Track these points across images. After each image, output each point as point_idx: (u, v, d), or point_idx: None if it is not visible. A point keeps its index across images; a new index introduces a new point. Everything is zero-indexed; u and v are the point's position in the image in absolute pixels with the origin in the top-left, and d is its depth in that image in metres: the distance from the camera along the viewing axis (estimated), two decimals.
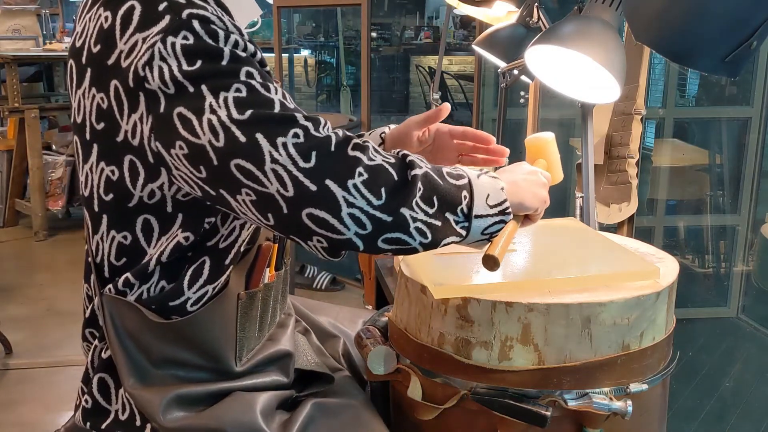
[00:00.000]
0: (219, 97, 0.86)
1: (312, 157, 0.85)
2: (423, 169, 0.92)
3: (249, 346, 1.08)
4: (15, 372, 2.86)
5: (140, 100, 0.90)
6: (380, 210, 0.87)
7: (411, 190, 0.89)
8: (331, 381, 1.16)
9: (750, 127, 3.00)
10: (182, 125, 0.87)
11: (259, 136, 0.85)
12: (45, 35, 5.51)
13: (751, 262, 3.11)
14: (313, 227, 0.87)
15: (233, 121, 0.85)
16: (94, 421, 1.05)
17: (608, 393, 1.00)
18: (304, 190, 0.85)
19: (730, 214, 3.16)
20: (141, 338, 1.01)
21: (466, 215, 0.94)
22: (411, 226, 0.90)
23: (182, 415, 1.00)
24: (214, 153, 0.86)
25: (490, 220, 0.95)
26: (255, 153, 0.85)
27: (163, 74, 0.87)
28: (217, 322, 1.03)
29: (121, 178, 0.96)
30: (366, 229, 0.88)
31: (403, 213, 0.89)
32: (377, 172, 0.88)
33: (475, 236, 0.96)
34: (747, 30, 0.99)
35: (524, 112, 2.19)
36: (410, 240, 0.91)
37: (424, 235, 0.91)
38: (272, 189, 0.85)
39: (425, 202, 0.90)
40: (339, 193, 0.85)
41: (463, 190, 0.94)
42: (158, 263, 0.99)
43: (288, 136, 0.85)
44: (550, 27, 1.26)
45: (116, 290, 1.01)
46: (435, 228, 0.91)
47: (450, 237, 0.93)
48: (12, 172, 4.79)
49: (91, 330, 1.09)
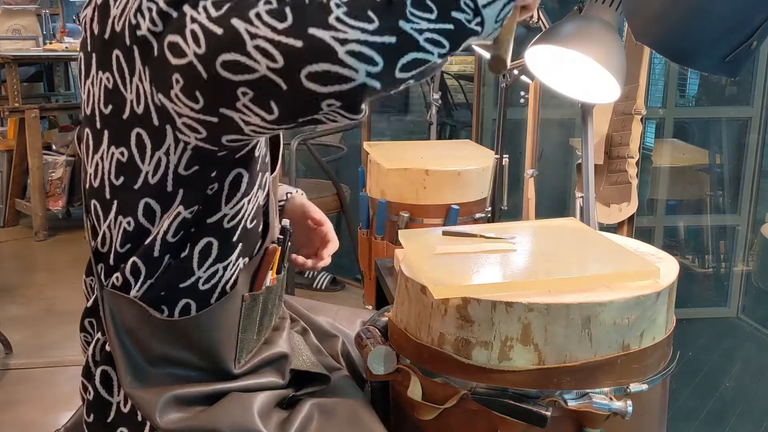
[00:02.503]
0: (198, 6, 0.84)
1: (287, 15, 0.79)
2: None
3: (248, 348, 1.08)
4: (15, 372, 2.86)
5: (135, 56, 0.90)
6: (379, 33, 0.79)
7: (399, 2, 0.80)
8: (328, 381, 1.16)
9: (750, 127, 3.00)
10: (172, 53, 0.85)
11: (233, 20, 0.81)
12: (45, 35, 5.50)
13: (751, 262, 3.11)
14: (318, 88, 0.80)
15: (210, 20, 0.82)
16: (97, 414, 1.05)
17: (608, 393, 1.00)
18: (291, 51, 0.78)
19: (730, 214, 3.17)
20: (140, 336, 1.00)
21: (473, 8, 0.86)
22: (420, 41, 0.82)
23: (179, 416, 1.00)
24: (200, 63, 0.82)
25: (500, 3, 0.87)
26: (234, 39, 0.80)
27: (151, 12, 0.87)
28: (221, 322, 1.03)
29: (131, 156, 0.96)
30: (375, 63, 0.80)
31: (403, 28, 0.81)
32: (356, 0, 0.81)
33: (490, 28, 0.88)
34: (747, 30, 0.99)
35: (524, 112, 2.19)
36: (427, 56, 0.83)
37: (440, 45, 0.84)
38: (262, 68, 0.80)
39: (421, 9, 0.82)
40: (326, 36, 0.78)
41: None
42: (163, 243, 0.98)
43: (260, 5, 0.81)
44: (550, 27, 1.26)
45: (123, 279, 1.00)
46: (448, 33, 0.84)
47: (468, 37, 0.86)
48: (12, 172, 4.79)
49: (91, 320, 1.09)
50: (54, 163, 4.78)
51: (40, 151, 4.54)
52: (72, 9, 6.50)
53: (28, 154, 4.50)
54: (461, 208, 2.03)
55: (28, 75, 5.41)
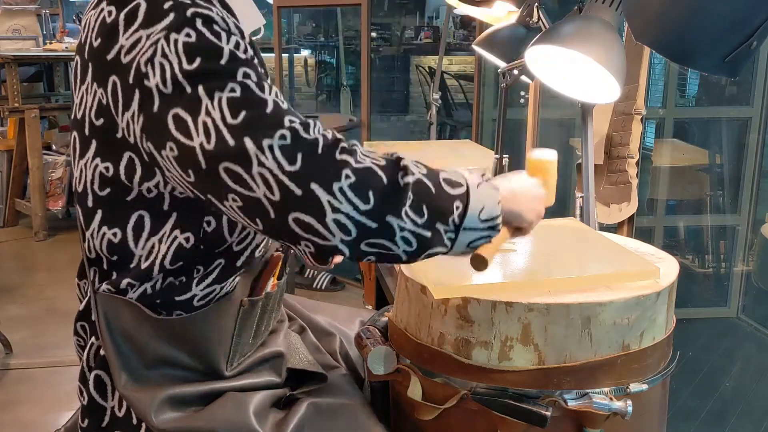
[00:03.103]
0: (214, 98, 0.85)
1: (298, 160, 0.84)
2: (416, 175, 0.89)
3: (242, 351, 1.08)
4: (15, 372, 2.85)
5: (134, 98, 0.90)
6: (366, 215, 0.86)
7: (401, 198, 0.87)
8: (325, 379, 1.16)
9: (750, 127, 3.00)
10: (176, 126, 0.86)
11: (246, 140, 0.84)
12: (45, 35, 5.50)
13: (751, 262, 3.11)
14: (300, 232, 0.85)
15: (225, 125, 0.84)
16: (92, 419, 1.05)
17: (608, 393, 1.00)
18: (289, 195, 0.83)
19: (730, 214, 3.16)
20: (135, 337, 1.00)
21: (455, 227, 0.91)
22: (397, 235, 0.88)
23: (174, 416, 1.00)
24: (203, 156, 0.85)
25: (478, 234, 0.93)
26: (242, 156, 0.84)
27: (164, 72, 0.87)
28: (216, 325, 1.03)
29: (116, 174, 0.96)
30: (350, 234, 0.86)
31: (389, 221, 0.87)
32: (366, 176, 0.86)
33: (460, 248, 0.94)
34: (747, 30, 0.99)
35: (524, 112, 2.19)
36: (394, 248, 0.89)
37: (410, 244, 0.89)
38: (259, 193, 0.84)
39: (415, 212, 0.88)
40: (324, 198, 0.84)
41: (456, 200, 0.91)
42: (162, 268, 0.99)
43: (275, 139, 0.84)
44: (550, 27, 1.26)
45: (117, 288, 1.00)
46: (423, 238, 0.89)
47: (436, 248, 0.91)
48: (12, 172, 4.79)
49: (83, 323, 1.09)
50: (54, 163, 4.78)
51: (40, 151, 4.54)
52: (72, 9, 6.50)
53: (28, 154, 4.50)
54: None
55: (28, 75, 5.41)
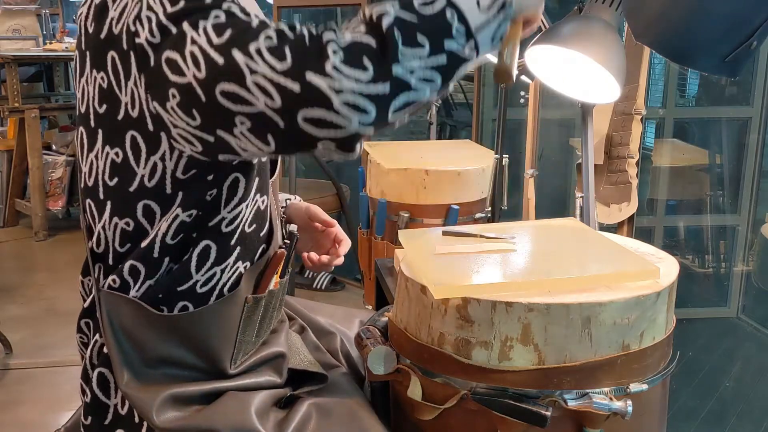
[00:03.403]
0: (199, 27, 0.84)
1: (287, 56, 0.80)
2: (392, 13, 0.82)
3: (245, 349, 1.08)
4: (15, 372, 2.86)
5: (131, 62, 0.90)
6: (373, 82, 0.80)
7: (392, 44, 0.81)
8: (326, 379, 1.16)
9: (750, 127, 3.00)
10: (170, 69, 0.85)
11: (234, 52, 0.81)
12: (45, 35, 5.50)
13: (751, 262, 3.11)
14: (314, 131, 0.81)
15: (212, 46, 0.82)
16: (95, 416, 1.05)
17: (608, 393, 1.00)
18: (289, 94, 0.80)
19: (730, 214, 3.17)
20: (138, 336, 1.00)
21: (465, 34, 0.85)
22: (413, 82, 0.83)
23: (176, 415, 1.00)
24: (199, 87, 0.83)
25: (494, 24, 0.87)
26: (234, 71, 0.81)
27: (150, 23, 0.87)
28: (220, 322, 1.03)
29: (125, 158, 0.97)
30: (368, 112, 0.81)
31: (396, 73, 0.81)
32: (353, 47, 0.81)
33: (486, 49, 0.88)
34: (747, 30, 0.99)
35: (524, 112, 2.19)
36: (419, 95, 0.84)
37: (432, 81, 0.84)
38: (260, 104, 0.81)
39: (412, 45, 0.82)
40: (323, 83, 0.79)
41: (445, 11, 0.84)
42: (162, 245, 0.99)
43: (260, 40, 0.81)
44: (550, 27, 1.26)
45: (121, 281, 1.00)
46: (441, 68, 0.84)
47: (462, 65, 0.86)
48: (12, 172, 4.79)
49: (87, 321, 1.08)
50: (54, 163, 4.78)
51: (40, 151, 4.54)
52: (72, 9, 6.50)
53: (28, 154, 4.50)
54: (461, 208, 2.03)
55: (28, 75, 5.41)
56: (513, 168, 2.29)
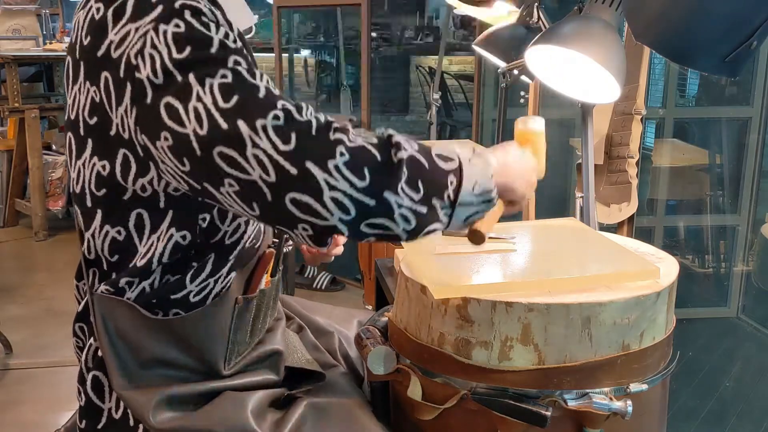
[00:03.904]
0: (205, 84, 0.85)
1: (292, 140, 0.84)
2: (409, 151, 0.89)
3: (239, 350, 1.08)
4: (15, 372, 2.86)
5: (126, 92, 0.90)
6: (364, 193, 0.85)
7: (396, 174, 0.87)
8: (323, 378, 1.16)
9: (750, 127, 3.00)
10: (168, 115, 0.86)
11: (240, 122, 0.84)
12: (45, 35, 5.50)
13: (751, 262, 3.11)
14: (297, 213, 0.85)
15: (217, 109, 0.84)
16: (89, 420, 1.05)
17: (608, 393, 1.00)
18: (285, 174, 0.83)
19: (730, 214, 3.16)
20: (132, 338, 1.00)
21: (451, 202, 0.91)
22: (396, 212, 0.87)
23: (172, 416, 1.00)
24: (197, 142, 0.85)
25: (473, 209, 0.94)
26: (236, 139, 0.83)
27: (154, 63, 0.87)
28: (212, 324, 1.03)
29: (112, 172, 0.97)
30: (350, 213, 0.85)
31: (387, 198, 0.86)
32: (360, 153, 0.86)
33: (457, 224, 0.94)
34: (747, 30, 0.99)
35: (524, 112, 2.19)
36: (394, 226, 0.89)
37: (408, 222, 0.89)
38: (255, 175, 0.84)
39: (411, 188, 0.88)
40: (320, 176, 0.83)
41: (450, 175, 0.91)
42: (160, 263, 0.99)
43: (268, 119, 0.84)
44: (550, 27, 1.26)
45: (116, 288, 1.00)
46: (420, 215, 0.89)
47: (434, 224, 0.91)
48: (12, 172, 4.79)
49: (81, 325, 1.09)
50: (54, 163, 4.78)
51: (40, 151, 4.54)
52: (72, 9, 6.49)
53: (28, 154, 4.51)
54: None
55: (28, 75, 5.41)
56: None
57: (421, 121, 7.51)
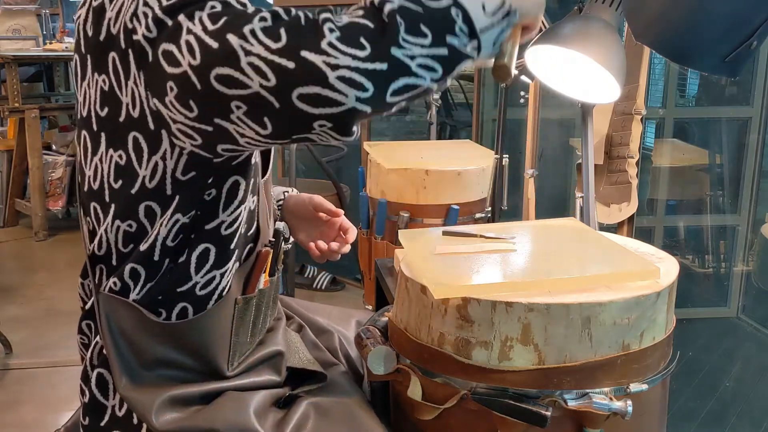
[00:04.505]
0: (195, 17, 0.84)
1: (282, 36, 0.81)
2: (395, 3, 0.84)
3: (241, 351, 1.09)
4: (15, 372, 2.86)
5: (130, 60, 0.90)
6: (371, 60, 0.81)
7: (393, 29, 0.82)
8: (325, 378, 1.16)
9: (750, 127, 3.00)
10: (167, 62, 0.85)
11: (229, 36, 0.81)
12: (45, 35, 5.51)
13: (751, 262, 3.11)
14: (309, 109, 0.81)
15: (206, 32, 0.82)
16: (92, 417, 1.05)
17: (608, 393, 1.00)
18: (283, 71, 0.80)
19: (730, 214, 3.16)
20: (135, 338, 1.01)
21: (468, 33, 0.87)
22: (412, 66, 0.83)
23: (175, 416, 1.00)
24: (194, 75, 0.83)
25: (497, 28, 0.89)
26: (228, 53, 0.81)
27: (147, 18, 0.87)
28: (214, 326, 1.03)
29: (129, 159, 0.97)
30: (366, 89, 0.81)
31: (395, 55, 0.82)
32: (350, 26, 0.82)
33: (488, 51, 0.90)
34: (747, 30, 0.99)
35: (524, 112, 2.19)
36: (419, 81, 0.85)
37: (433, 70, 0.85)
38: (255, 85, 0.81)
39: (415, 34, 0.83)
40: (318, 60, 0.79)
41: (451, 8, 0.86)
42: (163, 247, 0.99)
43: (255, 22, 0.82)
44: (550, 27, 1.26)
45: (122, 283, 1.00)
46: (442, 58, 0.85)
47: (463, 61, 0.87)
48: (12, 172, 4.79)
49: (89, 323, 1.09)
50: (54, 163, 4.78)
51: (40, 151, 4.54)
52: (72, 9, 6.49)
53: (28, 154, 4.50)
54: (461, 208, 2.03)
55: (28, 75, 5.42)
56: (513, 168, 2.29)
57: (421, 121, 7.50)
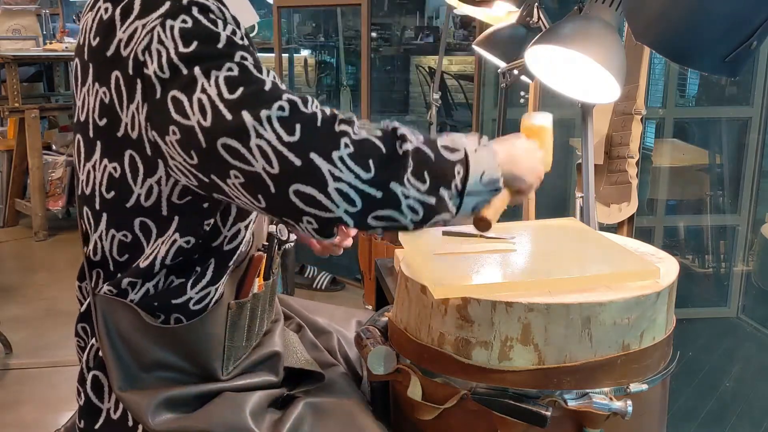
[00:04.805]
0: (211, 77, 0.85)
1: (297, 131, 0.84)
2: (414, 143, 0.89)
3: (236, 355, 1.08)
4: (15, 372, 2.86)
5: (137, 89, 0.91)
6: (369, 184, 0.85)
7: (402, 164, 0.87)
8: (322, 379, 1.16)
9: (750, 127, 3.00)
10: (175, 108, 0.87)
11: (244, 113, 0.84)
12: (45, 35, 5.50)
13: (751, 262, 3.11)
14: (302, 206, 0.85)
15: (222, 100, 0.84)
16: (87, 420, 1.05)
17: (608, 393, 1.00)
18: (288, 166, 0.83)
19: (730, 214, 3.16)
20: (132, 340, 1.01)
21: (458, 192, 0.91)
22: (403, 204, 0.88)
23: (171, 417, 1.00)
24: (202, 134, 0.85)
25: (481, 197, 0.94)
26: (240, 130, 0.83)
27: (161, 57, 0.87)
28: (208, 331, 1.03)
29: (123, 174, 0.97)
30: (355, 205, 0.85)
31: (393, 189, 0.86)
32: (364, 145, 0.86)
33: (464, 213, 0.94)
34: (747, 30, 0.99)
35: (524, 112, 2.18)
36: (401, 217, 0.89)
37: (416, 213, 0.89)
38: (258, 167, 0.84)
39: (417, 178, 0.88)
40: (324, 167, 0.83)
41: (457, 165, 0.91)
42: (163, 265, 0.99)
43: (272, 110, 0.84)
44: (550, 27, 1.26)
45: (119, 288, 1.00)
46: (428, 206, 0.89)
47: (442, 214, 0.91)
48: (12, 172, 4.79)
49: (84, 325, 1.09)
50: (54, 163, 4.78)
51: (40, 151, 4.54)
52: (72, 9, 6.50)
53: (28, 154, 4.50)
54: None
55: (28, 75, 5.41)
56: None
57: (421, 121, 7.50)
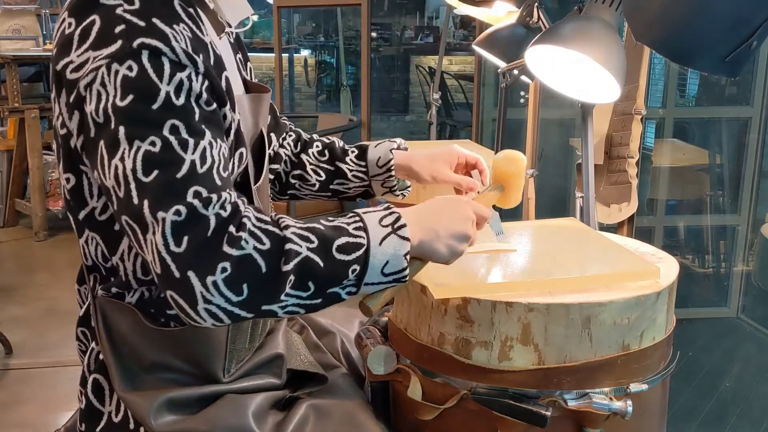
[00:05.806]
0: (133, 146, 0.85)
1: (183, 243, 0.84)
2: (302, 254, 0.88)
3: (238, 357, 1.08)
4: (15, 372, 2.85)
5: (74, 117, 0.92)
6: (239, 306, 0.86)
7: (279, 284, 0.87)
8: (325, 380, 1.16)
9: (750, 127, 3.00)
10: (100, 161, 0.88)
11: (146, 204, 0.85)
12: (45, 35, 5.50)
13: (751, 262, 3.11)
14: (173, 303, 0.86)
15: (134, 179, 0.85)
16: (89, 423, 1.05)
17: (608, 393, 1.00)
18: (169, 274, 0.84)
19: (730, 214, 3.17)
20: (133, 342, 1.01)
21: (354, 284, 0.92)
22: (279, 313, 0.90)
23: (173, 419, 1.00)
24: (115, 198, 0.88)
25: (382, 286, 0.94)
26: (140, 220, 0.85)
27: (99, 102, 0.87)
28: (209, 334, 1.03)
29: (80, 186, 0.99)
30: (223, 322, 0.87)
31: (265, 308, 0.88)
32: (242, 266, 0.85)
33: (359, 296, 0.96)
34: (747, 30, 0.99)
35: (524, 112, 2.19)
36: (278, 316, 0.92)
37: (298, 313, 0.92)
38: (147, 257, 0.86)
39: (298, 288, 0.89)
40: (198, 288, 0.84)
41: (352, 265, 0.90)
42: (137, 279, 1.01)
43: (169, 213, 0.84)
44: (550, 27, 1.26)
45: (115, 292, 1.01)
46: (312, 306, 0.91)
47: (334, 303, 0.93)
48: (12, 172, 4.79)
49: (83, 329, 1.09)
50: (54, 163, 4.77)
51: (40, 151, 4.54)
52: None
53: (28, 154, 4.50)
54: None
55: (28, 75, 5.41)
56: None
57: (421, 121, 7.52)
